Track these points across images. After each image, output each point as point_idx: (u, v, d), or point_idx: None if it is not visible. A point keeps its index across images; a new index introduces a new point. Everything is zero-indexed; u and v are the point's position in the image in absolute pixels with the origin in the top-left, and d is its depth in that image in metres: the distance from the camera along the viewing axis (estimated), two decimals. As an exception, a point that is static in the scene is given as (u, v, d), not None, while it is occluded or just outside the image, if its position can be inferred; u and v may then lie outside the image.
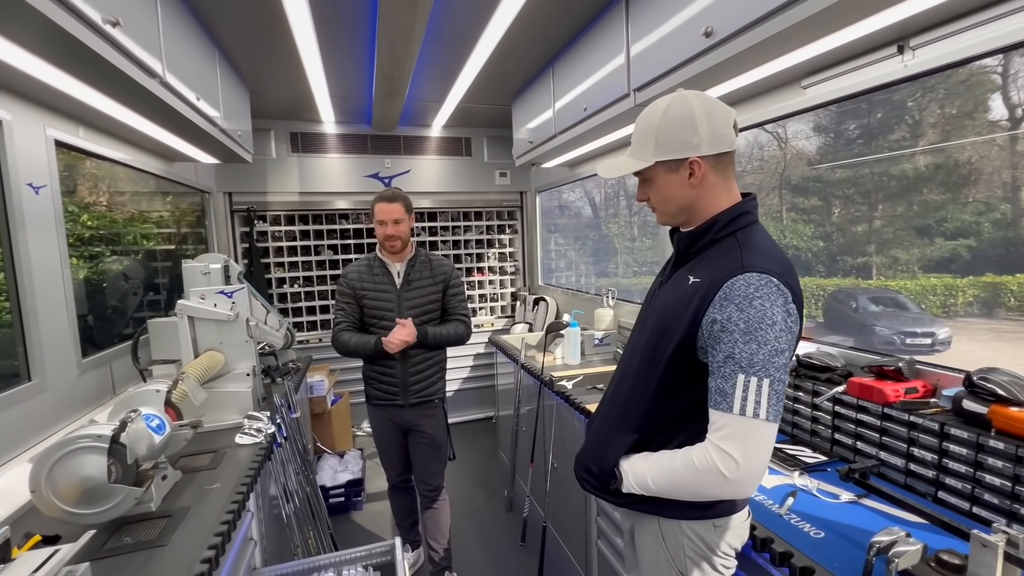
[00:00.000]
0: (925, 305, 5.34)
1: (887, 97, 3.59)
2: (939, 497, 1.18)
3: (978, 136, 3.65)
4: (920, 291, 5.35)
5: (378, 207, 2.00)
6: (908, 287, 5.27)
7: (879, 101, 3.91)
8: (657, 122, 0.95)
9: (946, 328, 4.77)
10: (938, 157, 3.88)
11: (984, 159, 4.19)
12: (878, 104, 3.97)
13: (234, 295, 1.97)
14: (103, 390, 1.96)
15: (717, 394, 0.86)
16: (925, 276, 5.12)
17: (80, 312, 1.98)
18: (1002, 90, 3.94)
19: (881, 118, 4.16)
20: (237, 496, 1.34)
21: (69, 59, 1.31)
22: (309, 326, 3.94)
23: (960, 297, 5.20)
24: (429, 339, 2.05)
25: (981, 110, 3.72)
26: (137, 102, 1.70)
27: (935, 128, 4.09)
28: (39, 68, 1.33)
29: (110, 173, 2.44)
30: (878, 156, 4.23)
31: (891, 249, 5.14)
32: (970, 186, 4.18)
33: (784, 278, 0.87)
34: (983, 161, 4.19)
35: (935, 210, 4.08)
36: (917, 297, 5.32)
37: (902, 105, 3.82)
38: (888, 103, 3.82)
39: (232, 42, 2.33)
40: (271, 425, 1.79)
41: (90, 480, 1.12)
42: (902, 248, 5.05)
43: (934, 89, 3.89)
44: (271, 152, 3.68)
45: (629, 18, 1.89)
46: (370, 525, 2.81)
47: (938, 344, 4.67)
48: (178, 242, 3.21)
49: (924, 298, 5.37)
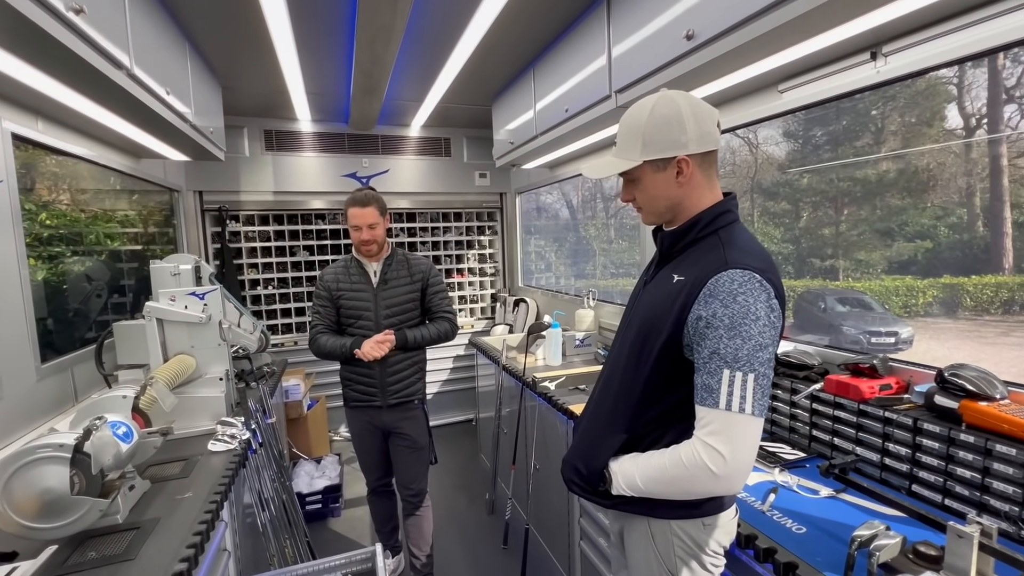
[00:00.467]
0: (888, 305, 5.56)
1: (852, 105, 3.71)
2: (913, 490, 1.21)
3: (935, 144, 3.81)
4: (884, 292, 5.56)
5: (351, 212, 1.96)
6: (872, 288, 5.48)
7: (845, 109, 4.05)
8: (644, 121, 0.95)
9: (908, 327, 4.97)
10: (899, 163, 4.04)
11: (941, 166, 4.39)
12: (844, 111, 4.11)
13: (206, 297, 1.90)
14: (64, 397, 1.86)
15: (703, 390, 0.87)
16: (889, 278, 5.33)
17: (39, 315, 1.88)
18: (957, 100, 4.13)
19: (847, 125, 4.31)
20: (210, 505, 1.28)
21: (28, 47, 1.24)
22: (284, 328, 3.85)
23: (921, 298, 5.42)
24: (409, 342, 2.03)
25: (938, 119, 3.89)
26: (102, 95, 1.62)
27: (896, 136, 4.26)
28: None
29: (72, 170, 2.33)
30: (844, 161, 4.38)
31: (856, 252, 5.36)
32: (928, 191, 4.37)
33: (766, 274, 0.88)
34: (940, 168, 4.39)
35: (897, 214, 4.25)
36: (881, 298, 5.53)
37: (866, 113, 3.96)
38: (853, 111, 3.97)
39: (204, 35, 2.26)
40: (245, 431, 1.73)
41: (51, 492, 1.06)
42: (866, 251, 5.26)
43: (895, 98, 4.06)
44: (244, 150, 3.58)
45: (611, 20, 1.91)
46: (349, 532, 2.75)
47: (901, 343, 4.86)
48: (145, 242, 3.08)
49: (887, 299, 5.58)
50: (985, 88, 3.95)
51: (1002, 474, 1.05)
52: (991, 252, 4.35)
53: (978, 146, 4.01)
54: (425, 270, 2.11)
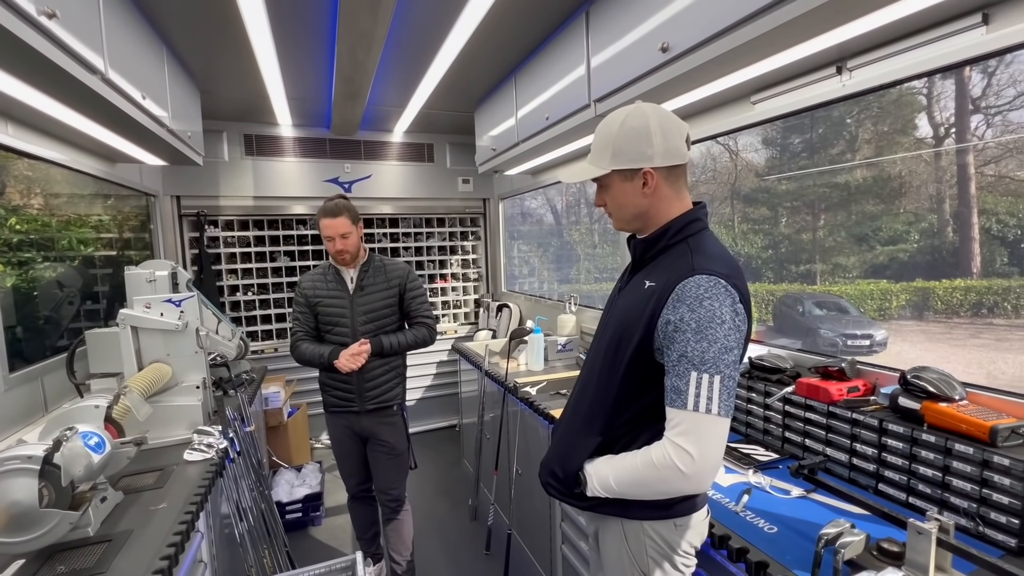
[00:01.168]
0: (864, 309, 5.70)
1: (827, 114, 3.82)
2: (879, 489, 1.25)
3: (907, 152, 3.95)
4: (859, 296, 5.71)
5: (322, 223, 1.94)
6: (848, 292, 5.62)
7: (820, 118, 4.16)
8: (615, 132, 0.99)
9: (883, 330, 5.12)
10: (873, 171, 4.17)
11: (912, 173, 4.53)
12: (819, 120, 4.23)
13: (183, 303, 1.88)
14: (33, 407, 1.81)
15: (672, 392, 0.89)
16: (864, 281, 5.47)
17: (7, 323, 1.83)
18: (927, 110, 4.27)
19: (822, 133, 4.43)
20: (185, 516, 1.26)
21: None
22: (264, 335, 3.80)
23: (894, 301, 5.58)
24: (385, 349, 2.02)
25: (910, 128, 4.03)
26: (76, 99, 1.60)
27: (870, 143, 4.39)
28: (-37, 60, 1.24)
29: (44, 174, 2.28)
30: (819, 169, 4.49)
31: (833, 256, 5.48)
32: (900, 198, 4.52)
33: (732, 280, 0.91)
34: (912, 175, 4.53)
35: (871, 220, 4.38)
36: (857, 301, 5.68)
37: (841, 122, 4.08)
38: (828, 119, 4.08)
39: (181, 39, 2.23)
40: (223, 440, 1.71)
41: (18, 505, 1.04)
42: (843, 255, 5.38)
43: (868, 107, 4.18)
44: (223, 155, 3.53)
45: (589, 31, 1.94)
46: (330, 540, 2.71)
47: (876, 345, 5.00)
48: (120, 248, 3.02)
49: (863, 302, 5.73)
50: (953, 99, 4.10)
51: (961, 472, 1.09)
52: (960, 256, 4.51)
53: (947, 154, 4.16)
54: (402, 275, 2.10)
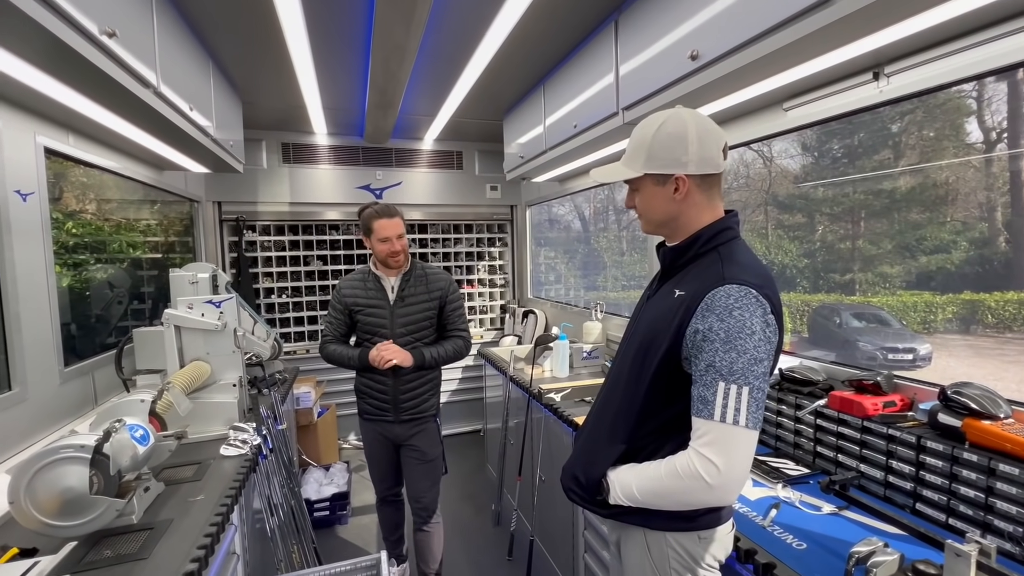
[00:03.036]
0: (906, 321, 5.42)
1: (870, 119, 3.68)
2: (917, 509, 1.21)
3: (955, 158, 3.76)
4: (901, 308, 5.43)
5: (380, 223, 1.92)
6: (890, 303, 5.36)
7: (862, 123, 4.02)
8: (651, 136, 0.98)
9: (927, 344, 4.85)
10: (918, 177, 3.98)
11: (961, 180, 4.31)
12: (861, 125, 4.08)
13: (222, 305, 1.96)
14: (85, 400, 1.93)
15: (699, 402, 0.88)
16: (907, 293, 5.21)
17: (63, 321, 1.95)
18: (977, 114, 4.07)
19: (864, 139, 4.27)
20: (221, 509, 1.32)
21: (63, 68, 1.32)
22: (297, 337, 3.91)
23: (940, 314, 5.29)
24: (427, 362, 2.01)
25: (958, 133, 3.84)
26: (129, 111, 1.71)
27: (914, 149, 4.21)
28: (32, 76, 1.34)
29: (98, 181, 2.43)
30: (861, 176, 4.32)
31: (874, 266, 5.24)
32: (948, 206, 4.30)
33: (763, 290, 0.90)
34: (960, 182, 4.31)
35: (915, 229, 4.18)
36: (899, 313, 5.40)
37: (884, 127, 3.92)
38: (870, 125, 3.93)
39: (226, 53, 2.35)
40: (257, 437, 1.77)
41: (71, 491, 1.10)
42: (885, 265, 5.14)
43: (913, 112, 4.01)
44: (262, 162, 3.68)
45: (618, 39, 1.95)
46: (355, 539, 2.77)
47: (919, 360, 4.74)
48: (165, 251, 3.18)
49: (905, 314, 5.45)
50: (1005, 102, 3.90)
51: (1005, 493, 1.04)
52: (1013, 268, 4.26)
53: (999, 160, 3.95)
54: (444, 286, 2.07)
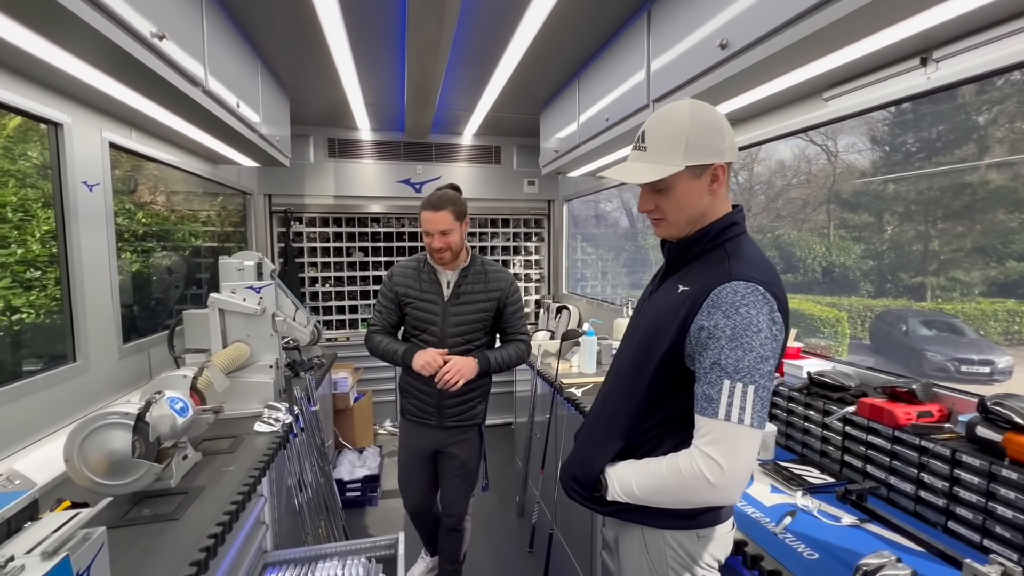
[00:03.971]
0: (984, 331, 4.94)
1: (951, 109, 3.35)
2: (949, 527, 1.12)
3: None
4: (980, 316, 4.94)
5: (423, 216, 1.76)
6: (966, 311, 4.89)
7: (941, 113, 3.67)
8: (688, 125, 0.92)
9: (1007, 356, 4.41)
10: (1006, 173, 3.59)
11: None
12: (940, 116, 3.73)
13: (262, 290, 2.09)
14: (141, 374, 2.10)
15: (703, 400, 0.87)
16: (987, 300, 4.72)
17: (127, 302, 2.14)
18: None
19: (943, 131, 3.90)
20: (249, 480, 1.41)
21: (120, 69, 1.44)
22: (338, 324, 4.09)
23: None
24: (492, 367, 1.86)
25: None
26: (181, 108, 1.84)
27: (1003, 143, 3.80)
28: (94, 77, 1.47)
29: (165, 175, 2.63)
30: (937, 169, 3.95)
31: (950, 270, 4.77)
32: None
33: (770, 287, 0.87)
34: None
35: (1001, 230, 3.78)
36: (976, 322, 4.92)
37: (968, 117, 3.57)
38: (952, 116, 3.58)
39: (273, 52, 2.48)
40: (289, 416, 1.88)
41: (116, 454, 1.22)
42: (962, 269, 4.67)
43: (1004, 101, 3.63)
44: (309, 157, 3.86)
45: (651, 30, 1.91)
46: (383, 521, 2.87)
47: (997, 373, 4.31)
48: (222, 240, 3.40)
49: (984, 324, 4.96)
50: None
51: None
52: (1119, 274, 3.81)
53: None
54: (504, 287, 1.90)
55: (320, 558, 1.64)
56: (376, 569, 1.59)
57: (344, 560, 1.62)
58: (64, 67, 1.38)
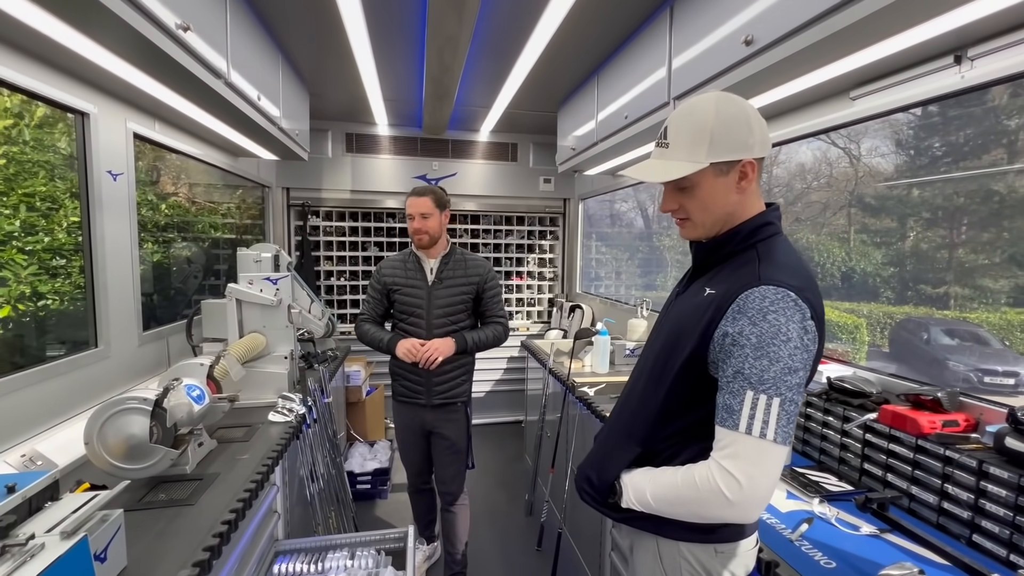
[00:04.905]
0: (1010, 341, 4.80)
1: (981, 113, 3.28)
2: (974, 540, 1.09)
3: None
4: (1005, 326, 4.80)
5: (407, 201, 2.02)
6: (991, 320, 4.76)
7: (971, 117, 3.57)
8: (712, 120, 0.88)
9: None
10: None
11: None
12: (970, 120, 3.63)
13: (278, 282, 2.11)
14: (160, 361, 2.14)
15: (724, 410, 0.83)
16: (1013, 310, 4.58)
17: (147, 291, 2.18)
18: None
19: (971, 135, 3.79)
20: (262, 468, 1.43)
21: (145, 59, 1.46)
22: (352, 318, 4.11)
23: None
24: (469, 347, 2.03)
25: None
26: (204, 100, 1.86)
27: None
28: (120, 67, 1.49)
29: (186, 166, 2.67)
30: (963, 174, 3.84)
31: (975, 278, 4.63)
32: None
33: (803, 293, 0.83)
34: None
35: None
36: (1001, 332, 4.78)
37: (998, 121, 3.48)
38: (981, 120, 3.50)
39: (295, 47, 2.50)
40: (302, 407, 1.89)
41: (134, 438, 1.24)
42: (988, 278, 4.54)
43: None
44: (327, 151, 3.89)
45: (673, 26, 1.88)
46: (392, 514, 2.89)
47: (1022, 385, 4.20)
48: (241, 232, 3.45)
49: (1010, 334, 4.82)
50: None
51: (1079, 533, 0.92)
52: None
53: None
54: (483, 272, 2.09)
55: (330, 548, 1.65)
56: (386, 561, 1.60)
57: (354, 551, 1.63)
58: (91, 57, 1.41)
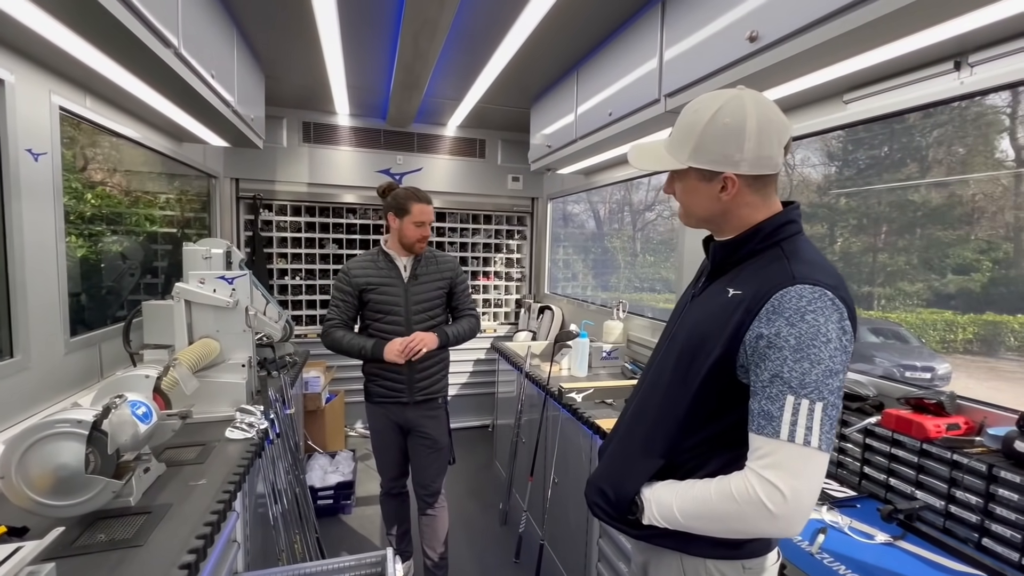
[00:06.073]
0: (925, 339, 5.25)
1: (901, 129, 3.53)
2: (983, 544, 1.09)
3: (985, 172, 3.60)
4: (921, 325, 5.25)
5: (420, 208, 1.96)
6: (909, 320, 5.18)
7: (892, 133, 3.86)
8: (704, 124, 0.86)
9: (946, 364, 4.68)
10: (943, 193, 3.83)
11: (988, 198, 4.14)
12: (890, 136, 3.92)
13: (235, 281, 1.89)
14: (90, 372, 1.87)
15: (761, 417, 0.77)
16: (927, 310, 5.02)
17: (74, 291, 1.89)
18: (1010, 131, 3.88)
19: (892, 151, 4.10)
20: (223, 496, 1.24)
21: (79, 17, 1.23)
22: (308, 320, 3.85)
23: (960, 333, 5.11)
24: (451, 340, 2.03)
25: (989, 149, 3.67)
26: (149, 73, 1.63)
27: (942, 164, 4.04)
28: (45, 24, 1.26)
29: (120, 153, 2.37)
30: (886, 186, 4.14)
31: (895, 282, 5.05)
32: (972, 224, 4.14)
33: (839, 292, 0.79)
34: (988, 200, 4.14)
35: (938, 245, 4.03)
36: (917, 331, 5.23)
37: (912, 139, 3.76)
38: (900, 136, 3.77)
39: (252, 23, 2.27)
40: (264, 420, 1.70)
41: (65, 469, 1.03)
42: (906, 281, 4.96)
43: (944, 127, 3.84)
44: (282, 140, 3.61)
45: (665, 20, 1.83)
46: (360, 530, 2.70)
47: (937, 379, 4.58)
48: (181, 226, 3.12)
49: (925, 332, 5.27)
50: None
51: (1097, 537, 0.93)
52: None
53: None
54: (453, 267, 2.12)
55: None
56: (364, 591, 1.45)
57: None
58: (8, 9, 1.17)
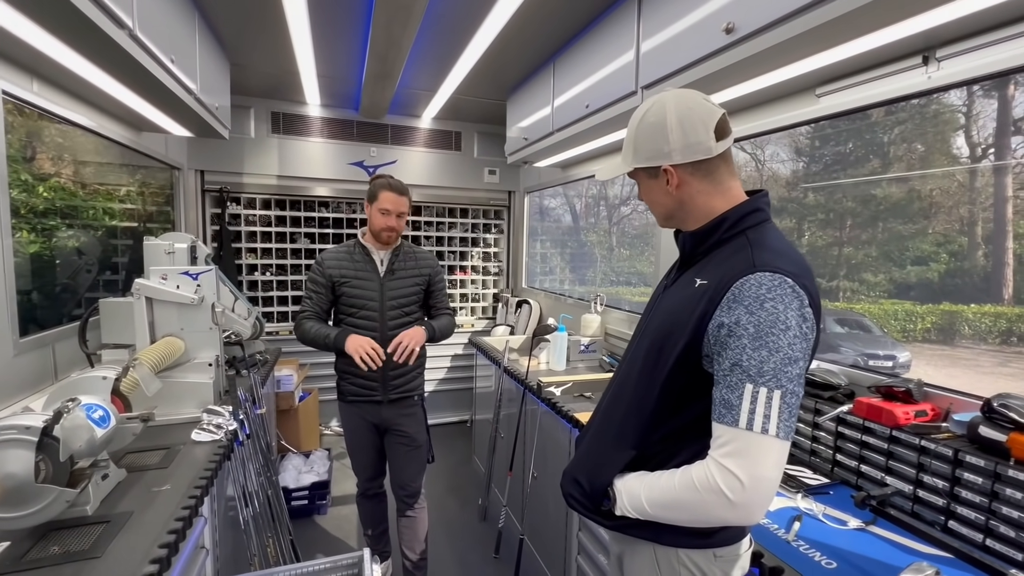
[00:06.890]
0: (887, 329, 5.48)
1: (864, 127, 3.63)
2: (949, 527, 1.12)
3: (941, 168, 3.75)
4: (882, 316, 5.50)
5: (386, 195, 1.90)
6: (871, 311, 5.41)
7: (855, 130, 3.98)
8: (636, 128, 0.94)
9: (906, 352, 4.90)
10: (902, 188, 3.97)
11: (945, 193, 4.33)
12: (853, 133, 4.05)
13: (200, 277, 1.81)
14: (43, 374, 1.76)
15: (721, 405, 0.78)
16: (888, 301, 5.26)
17: (25, 288, 1.78)
18: (965, 129, 4.06)
19: (856, 148, 4.24)
20: (189, 501, 1.19)
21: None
22: (280, 316, 3.75)
23: (919, 323, 5.36)
24: (437, 335, 1.99)
25: (945, 146, 3.84)
26: (102, 56, 1.53)
27: (902, 161, 4.20)
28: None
29: (74, 143, 2.23)
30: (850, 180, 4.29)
31: (858, 273, 5.26)
32: (930, 218, 4.31)
33: (800, 279, 0.79)
34: (944, 195, 4.33)
35: (898, 239, 4.19)
36: (879, 321, 5.46)
37: (875, 136, 3.89)
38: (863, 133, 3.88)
39: (214, 5, 2.16)
40: (233, 421, 1.63)
41: (13, 479, 0.96)
42: (869, 273, 5.17)
43: (904, 124, 3.99)
44: (250, 131, 3.48)
45: (642, 11, 1.82)
46: (335, 531, 2.64)
47: (898, 367, 4.79)
48: (143, 220, 2.98)
49: (886, 322, 5.51)
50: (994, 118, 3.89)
51: (1056, 517, 0.96)
52: (991, 282, 4.28)
53: (982, 175, 3.94)
54: (432, 264, 2.07)
55: (273, 585, 1.42)
56: (340, 594, 1.41)
57: (302, 586, 1.42)
58: (-59, -17, 1.08)
